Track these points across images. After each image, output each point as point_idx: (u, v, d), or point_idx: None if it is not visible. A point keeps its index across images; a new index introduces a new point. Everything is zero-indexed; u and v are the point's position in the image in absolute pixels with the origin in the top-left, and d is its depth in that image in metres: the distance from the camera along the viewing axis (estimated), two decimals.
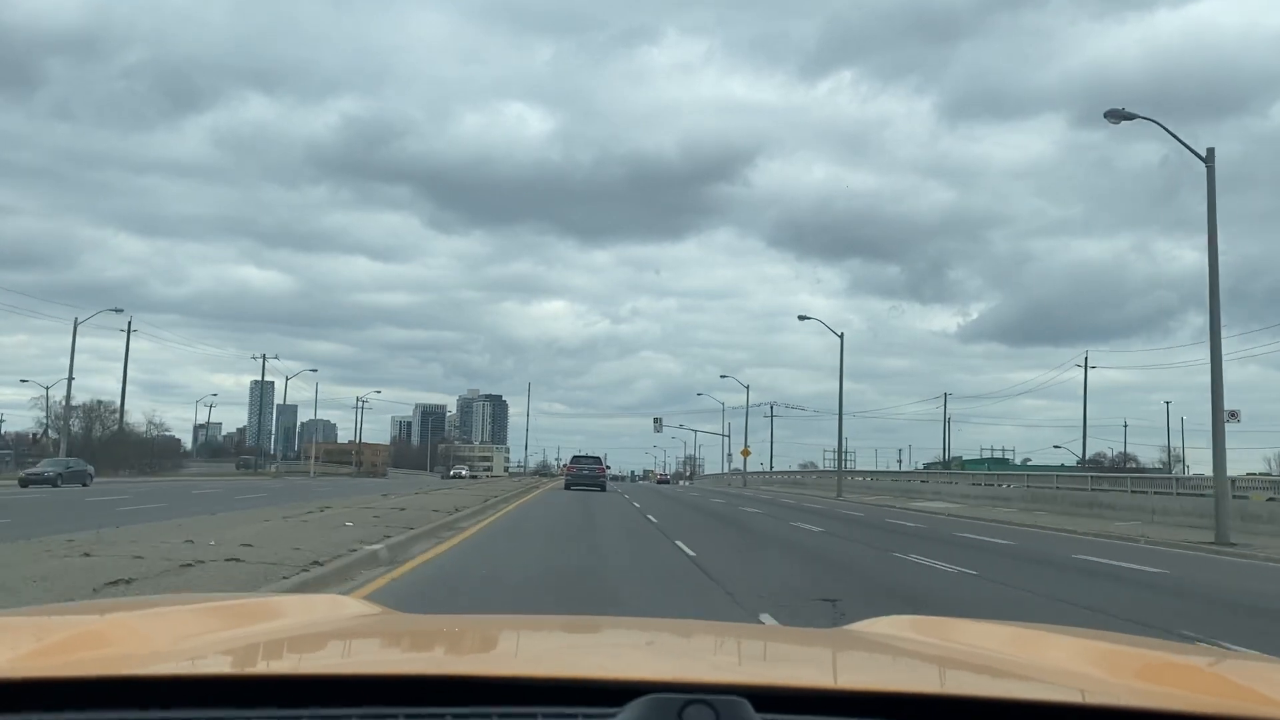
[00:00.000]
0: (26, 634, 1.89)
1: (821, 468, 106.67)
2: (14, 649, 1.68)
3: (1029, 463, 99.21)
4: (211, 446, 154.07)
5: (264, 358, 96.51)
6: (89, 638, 1.83)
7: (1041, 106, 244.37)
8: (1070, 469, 73.95)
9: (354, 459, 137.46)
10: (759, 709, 1.30)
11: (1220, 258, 25.87)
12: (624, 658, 2.05)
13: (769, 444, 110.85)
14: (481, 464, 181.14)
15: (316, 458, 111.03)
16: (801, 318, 75.46)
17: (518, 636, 2.32)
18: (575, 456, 70.93)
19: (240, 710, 1.36)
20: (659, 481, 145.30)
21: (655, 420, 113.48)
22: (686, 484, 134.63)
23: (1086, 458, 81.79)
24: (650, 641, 2.34)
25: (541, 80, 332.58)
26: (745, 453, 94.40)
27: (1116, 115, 27.77)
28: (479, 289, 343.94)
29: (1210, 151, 26.86)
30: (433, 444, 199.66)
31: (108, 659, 1.64)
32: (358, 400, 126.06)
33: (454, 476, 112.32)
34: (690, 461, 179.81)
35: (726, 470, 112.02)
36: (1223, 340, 26.05)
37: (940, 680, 1.80)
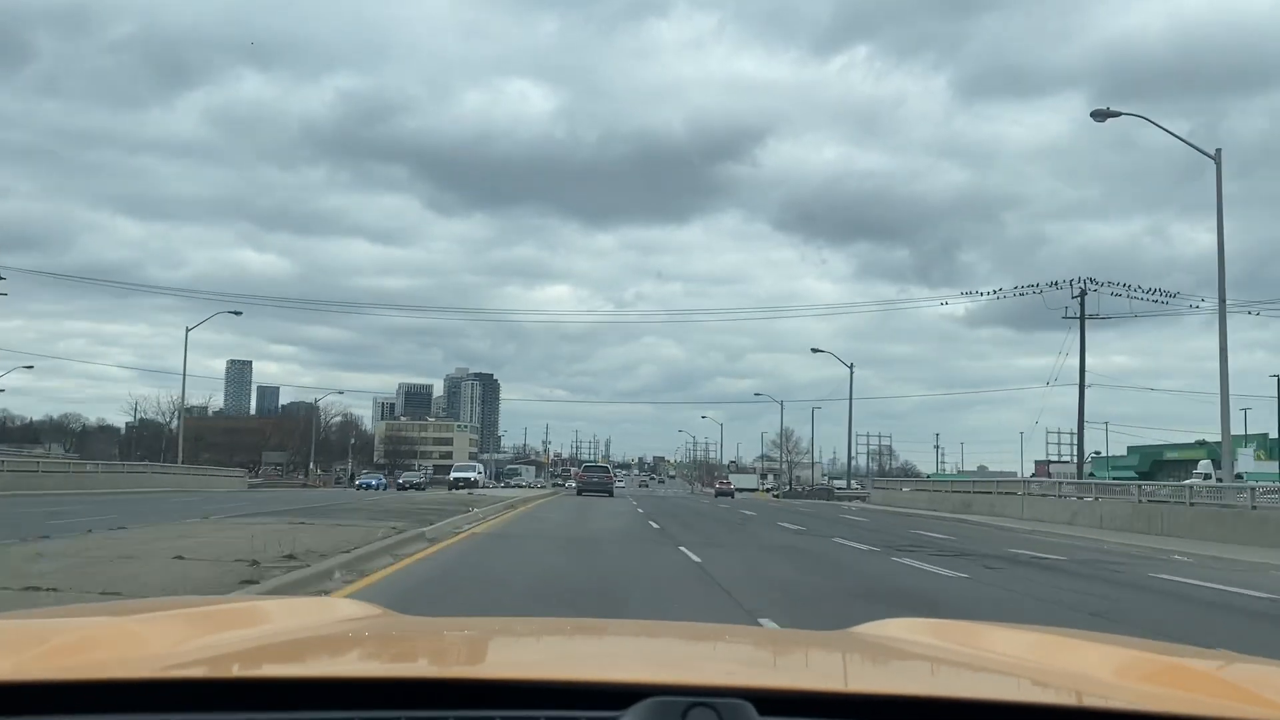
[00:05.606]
0: (27, 638, 1.88)
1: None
2: (16, 653, 1.67)
3: None
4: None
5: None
6: (87, 642, 1.83)
7: (1061, 83, 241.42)
8: None
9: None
10: (762, 712, 1.30)
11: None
12: (626, 661, 2.05)
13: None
14: (438, 450, 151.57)
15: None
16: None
17: (519, 639, 2.32)
18: (587, 465, 75.12)
19: (239, 714, 1.36)
20: (718, 492, 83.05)
21: None
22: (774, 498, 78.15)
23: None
24: (653, 645, 2.34)
25: (545, 56, 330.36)
26: None
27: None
28: (481, 273, 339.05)
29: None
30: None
31: (105, 663, 1.63)
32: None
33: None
34: (788, 449, 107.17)
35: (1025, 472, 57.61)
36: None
37: (943, 683, 1.80)
